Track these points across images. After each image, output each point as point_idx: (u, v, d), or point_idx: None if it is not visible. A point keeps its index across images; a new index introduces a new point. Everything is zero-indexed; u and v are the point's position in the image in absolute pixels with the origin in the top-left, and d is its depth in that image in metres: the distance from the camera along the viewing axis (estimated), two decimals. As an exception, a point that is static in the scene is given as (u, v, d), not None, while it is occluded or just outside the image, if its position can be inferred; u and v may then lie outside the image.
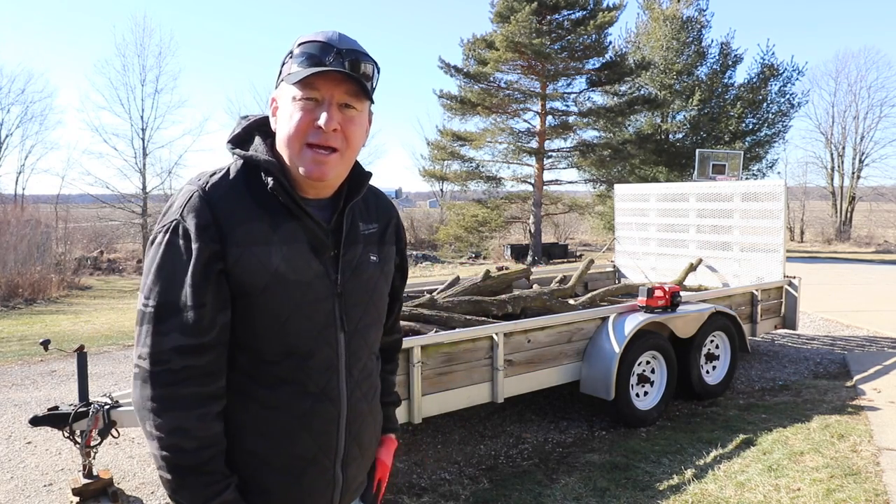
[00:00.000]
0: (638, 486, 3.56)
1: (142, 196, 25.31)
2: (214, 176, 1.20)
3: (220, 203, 1.16)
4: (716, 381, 5.30)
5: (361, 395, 1.32)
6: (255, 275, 1.16)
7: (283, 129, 1.19)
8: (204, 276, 1.13)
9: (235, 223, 1.16)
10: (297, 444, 1.22)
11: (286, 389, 1.21)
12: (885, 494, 3.34)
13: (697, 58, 23.59)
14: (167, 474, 1.14)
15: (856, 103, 29.48)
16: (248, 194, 1.19)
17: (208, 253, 1.13)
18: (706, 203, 6.92)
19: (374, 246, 1.35)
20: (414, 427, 4.50)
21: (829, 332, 8.00)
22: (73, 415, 3.11)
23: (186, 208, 1.15)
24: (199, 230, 1.13)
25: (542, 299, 5.25)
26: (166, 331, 1.12)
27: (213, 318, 1.14)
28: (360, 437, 1.33)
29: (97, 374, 6.20)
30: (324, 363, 1.24)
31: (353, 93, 1.18)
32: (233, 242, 1.15)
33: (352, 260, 1.28)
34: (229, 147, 1.26)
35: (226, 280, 1.16)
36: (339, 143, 1.18)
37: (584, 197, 25.37)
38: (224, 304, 1.16)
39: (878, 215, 31.68)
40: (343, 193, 1.28)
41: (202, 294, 1.13)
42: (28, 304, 12.81)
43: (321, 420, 1.24)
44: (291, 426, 1.22)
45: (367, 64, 1.20)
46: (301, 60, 1.17)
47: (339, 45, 1.17)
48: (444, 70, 20.49)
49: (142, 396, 1.14)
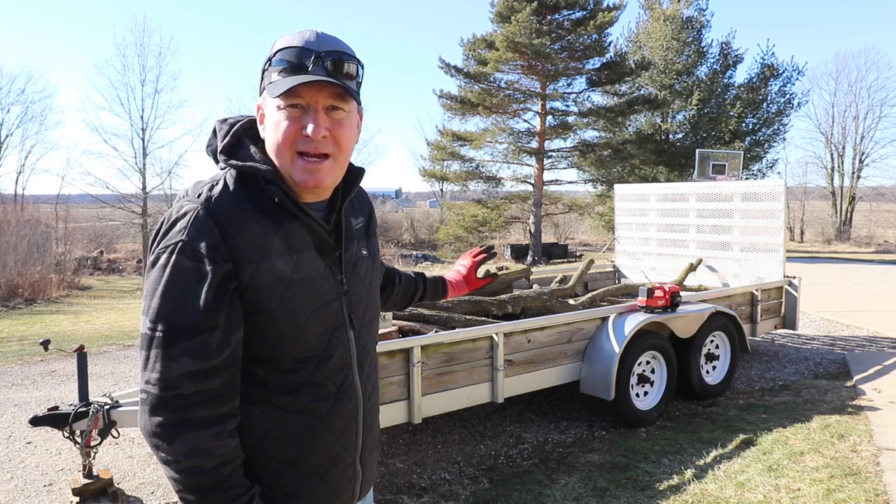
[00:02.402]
0: (638, 486, 3.56)
1: (142, 196, 25.32)
2: (214, 189, 1.16)
3: (226, 219, 1.12)
4: (716, 382, 5.30)
5: (372, 388, 1.36)
6: (270, 289, 1.14)
7: (272, 138, 1.17)
8: (217, 298, 1.09)
9: (245, 239, 1.13)
10: (322, 444, 1.23)
11: (307, 393, 1.21)
12: (885, 494, 3.34)
13: (697, 58, 23.60)
14: (189, 496, 1.11)
15: (856, 103, 29.54)
16: (251, 206, 1.16)
17: (221, 273, 1.10)
18: (706, 203, 6.92)
19: (363, 240, 1.36)
20: (414, 427, 4.50)
21: (829, 332, 8.00)
22: (73, 415, 3.11)
23: (192, 228, 1.10)
24: (211, 250, 1.09)
25: (542, 299, 5.25)
26: (177, 356, 1.07)
27: (225, 339, 1.11)
28: (372, 428, 1.36)
29: (97, 374, 6.20)
30: (339, 362, 1.25)
31: (338, 95, 1.15)
32: (245, 259, 1.12)
33: (351, 257, 1.30)
34: (223, 158, 1.21)
35: (238, 298, 1.13)
36: (329, 148, 1.16)
37: (584, 197, 25.36)
38: (237, 324, 1.13)
39: (878, 215, 31.70)
40: (339, 192, 1.28)
41: (216, 317, 1.09)
42: (28, 304, 12.82)
43: (342, 418, 1.25)
44: (315, 428, 1.22)
45: (349, 63, 1.17)
46: (281, 68, 1.14)
47: (317, 47, 1.14)
48: (445, 70, 20.51)
49: (152, 423, 1.09)
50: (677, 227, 7.24)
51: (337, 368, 1.24)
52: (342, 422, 1.25)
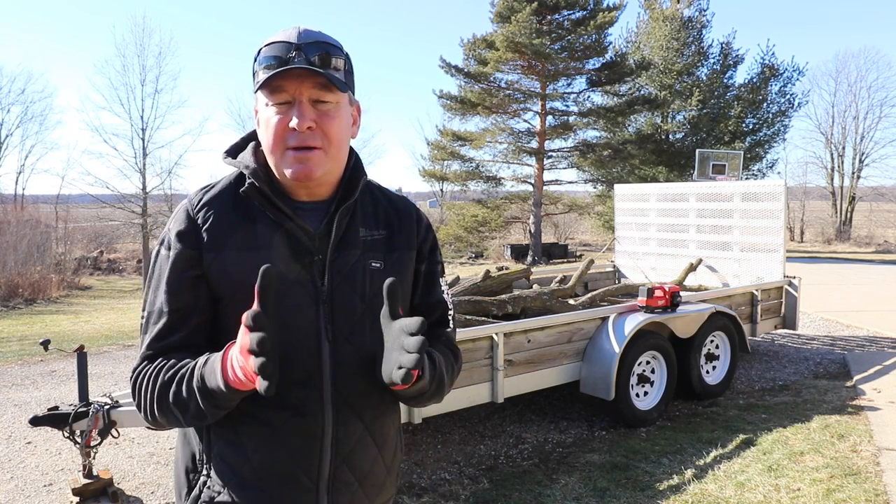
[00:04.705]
0: (638, 486, 3.56)
1: (142, 196, 25.27)
2: (205, 188, 1.24)
3: (203, 212, 1.19)
4: (716, 382, 5.30)
5: (354, 414, 1.20)
6: (225, 279, 1.16)
7: (264, 137, 1.18)
8: (177, 281, 1.16)
9: (214, 229, 1.17)
10: (272, 457, 1.16)
11: (262, 399, 1.07)
12: (885, 494, 3.34)
13: (698, 58, 23.60)
14: (171, 409, 1.11)
15: (856, 103, 29.53)
16: (236, 202, 1.20)
17: (183, 258, 1.16)
18: (706, 203, 6.92)
19: (379, 252, 1.26)
20: (414, 427, 4.50)
21: (829, 332, 8.00)
22: (73, 415, 3.11)
23: (174, 222, 1.20)
24: (179, 237, 1.17)
25: (542, 299, 5.25)
26: (145, 339, 1.18)
27: (185, 320, 1.16)
28: (352, 460, 1.21)
29: (97, 374, 6.20)
30: (303, 374, 1.15)
31: (322, 86, 1.14)
32: (208, 247, 1.16)
33: (343, 266, 1.21)
34: (223, 156, 1.27)
35: (205, 285, 1.17)
36: (318, 141, 1.15)
37: (584, 197, 25.37)
38: (201, 308, 1.17)
39: (878, 215, 31.68)
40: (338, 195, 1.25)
41: (175, 299, 1.15)
42: (28, 304, 12.82)
43: (298, 435, 1.16)
44: (265, 438, 1.16)
45: (333, 55, 1.15)
46: (266, 65, 1.14)
47: (298, 40, 1.14)
48: (445, 70, 20.51)
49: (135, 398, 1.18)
50: (677, 227, 7.24)
51: (299, 381, 1.14)
52: (298, 440, 1.16)
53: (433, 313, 1.36)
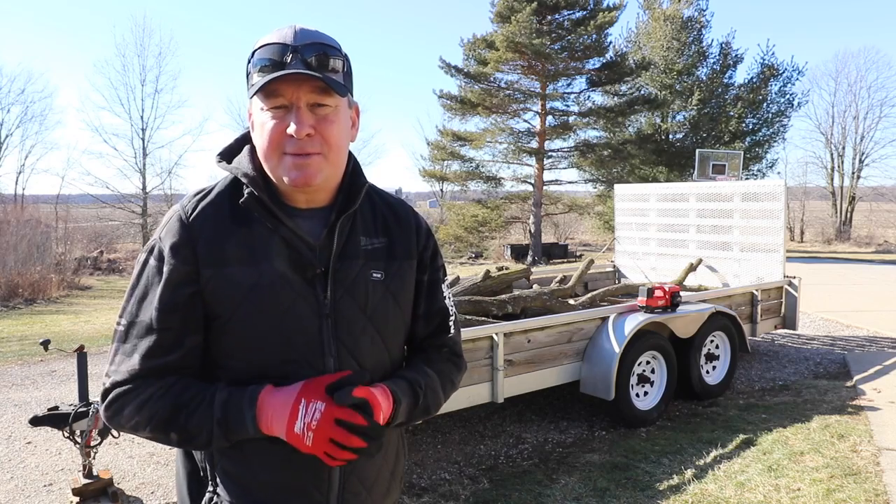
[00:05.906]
0: (638, 486, 3.56)
1: (142, 196, 25.32)
2: (199, 195, 1.17)
3: (197, 223, 1.12)
4: (716, 381, 5.30)
5: None
6: (226, 297, 1.11)
7: (259, 141, 1.13)
8: (171, 299, 1.09)
9: (210, 243, 1.11)
10: (282, 474, 1.14)
11: None
12: (885, 494, 3.34)
13: (697, 58, 23.61)
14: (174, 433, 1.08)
15: (856, 103, 29.51)
16: (231, 211, 1.14)
17: (178, 275, 1.10)
18: (706, 203, 6.93)
19: (380, 262, 1.22)
20: (414, 427, 4.50)
21: (829, 332, 8.00)
22: (73, 415, 3.12)
23: (165, 230, 1.13)
24: (173, 251, 1.10)
25: (542, 299, 5.25)
26: (130, 352, 1.11)
27: (179, 341, 1.11)
28: (359, 470, 1.20)
29: (97, 374, 6.19)
30: None
31: (320, 89, 1.09)
32: (205, 263, 1.10)
33: (346, 277, 1.17)
34: (217, 160, 1.21)
35: (201, 302, 1.11)
36: (317, 147, 1.10)
37: (584, 197, 25.34)
38: (195, 328, 1.12)
39: (878, 215, 31.67)
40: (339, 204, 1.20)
41: (169, 318, 1.09)
42: (28, 304, 12.82)
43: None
44: (273, 455, 1.13)
45: (331, 57, 1.11)
46: (261, 67, 1.09)
47: (295, 41, 1.09)
48: (445, 70, 20.50)
49: (104, 412, 1.13)
50: (677, 227, 7.24)
51: None
52: (306, 456, 1.11)
53: (434, 321, 1.35)
